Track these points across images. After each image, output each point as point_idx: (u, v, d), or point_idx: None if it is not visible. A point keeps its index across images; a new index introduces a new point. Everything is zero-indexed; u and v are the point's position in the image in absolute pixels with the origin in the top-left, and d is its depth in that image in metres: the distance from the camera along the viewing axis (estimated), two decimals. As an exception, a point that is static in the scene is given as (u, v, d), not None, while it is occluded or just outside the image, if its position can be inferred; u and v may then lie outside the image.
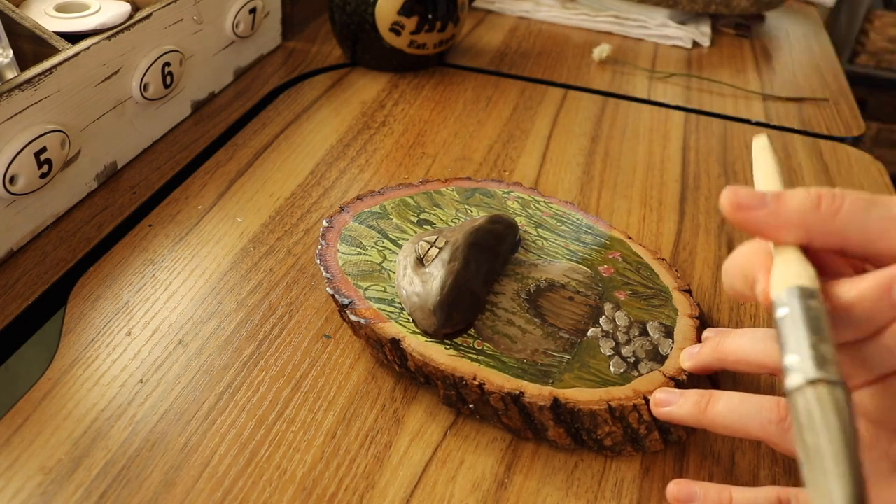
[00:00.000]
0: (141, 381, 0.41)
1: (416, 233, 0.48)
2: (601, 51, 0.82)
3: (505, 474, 0.38)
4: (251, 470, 0.37)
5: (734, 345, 0.37)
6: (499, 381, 0.39)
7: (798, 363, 0.28)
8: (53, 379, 0.40)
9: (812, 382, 0.28)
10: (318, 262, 0.45)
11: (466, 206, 0.51)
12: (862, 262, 0.33)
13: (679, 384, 0.40)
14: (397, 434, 0.39)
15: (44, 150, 0.48)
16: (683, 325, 0.43)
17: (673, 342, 0.42)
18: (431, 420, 0.40)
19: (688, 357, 0.40)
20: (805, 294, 0.30)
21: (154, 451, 0.37)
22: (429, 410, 0.41)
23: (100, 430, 0.38)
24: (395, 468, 0.38)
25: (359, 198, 0.51)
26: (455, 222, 0.50)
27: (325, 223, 0.48)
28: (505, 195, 0.53)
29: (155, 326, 0.44)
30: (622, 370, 0.40)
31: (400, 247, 0.47)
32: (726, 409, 0.35)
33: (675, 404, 0.37)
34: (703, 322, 0.44)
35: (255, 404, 0.40)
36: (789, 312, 0.30)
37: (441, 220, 0.50)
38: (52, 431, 0.38)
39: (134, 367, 0.41)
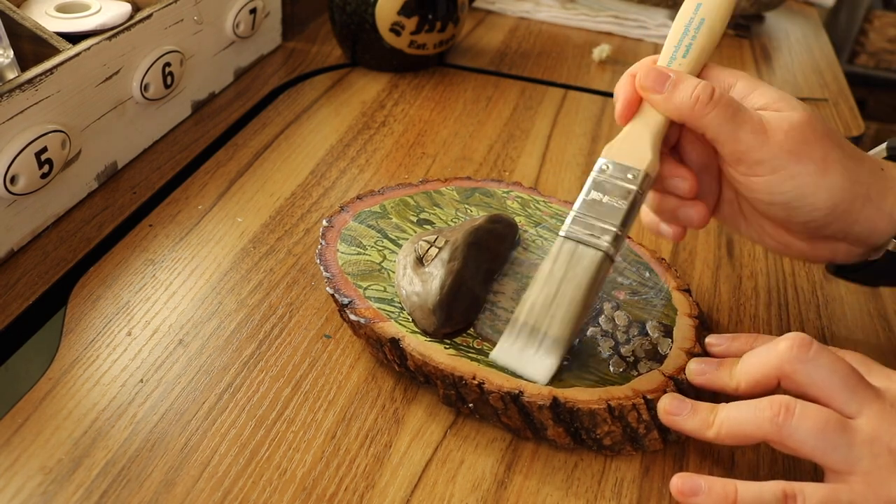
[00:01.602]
0: (141, 381, 0.41)
1: (415, 232, 0.48)
2: (601, 51, 0.82)
3: (505, 474, 0.38)
4: (251, 470, 0.37)
5: (746, 371, 0.37)
6: (498, 380, 0.39)
7: (568, 220, 0.39)
8: (54, 379, 0.40)
9: (566, 238, 0.39)
10: (318, 261, 0.45)
11: (466, 206, 0.51)
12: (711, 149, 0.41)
13: (678, 383, 0.40)
14: (397, 434, 0.39)
15: (44, 150, 0.48)
16: (683, 325, 0.43)
17: (672, 342, 0.42)
18: (431, 420, 0.40)
19: (698, 374, 0.40)
20: (613, 171, 0.39)
21: (154, 451, 0.37)
22: (429, 410, 0.41)
23: (100, 430, 0.38)
24: (395, 468, 0.38)
25: (359, 197, 0.51)
26: (455, 222, 0.50)
27: (325, 223, 0.48)
28: (505, 195, 0.53)
29: (155, 326, 0.44)
30: (621, 369, 0.40)
31: (400, 246, 0.47)
32: (727, 419, 0.35)
33: (684, 415, 0.37)
34: (703, 322, 0.44)
35: (255, 404, 0.40)
36: (594, 178, 0.39)
37: (441, 219, 0.50)
38: (52, 431, 0.38)
39: (134, 367, 0.41)
